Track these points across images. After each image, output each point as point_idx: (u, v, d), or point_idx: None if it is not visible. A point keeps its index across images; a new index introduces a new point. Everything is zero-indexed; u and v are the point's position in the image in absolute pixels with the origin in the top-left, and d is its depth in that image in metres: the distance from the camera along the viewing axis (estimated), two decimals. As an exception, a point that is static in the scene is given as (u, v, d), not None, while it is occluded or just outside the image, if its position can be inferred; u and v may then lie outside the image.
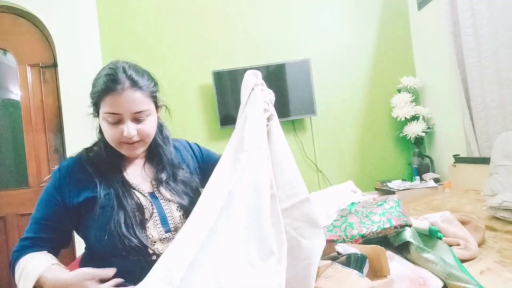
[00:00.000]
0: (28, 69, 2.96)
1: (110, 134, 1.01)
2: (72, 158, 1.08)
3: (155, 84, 1.08)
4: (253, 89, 1.01)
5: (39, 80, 2.98)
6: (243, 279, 0.78)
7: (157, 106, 1.09)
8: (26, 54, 2.96)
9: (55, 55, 2.94)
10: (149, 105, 1.02)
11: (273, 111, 1.03)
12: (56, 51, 2.92)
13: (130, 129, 0.98)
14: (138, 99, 0.98)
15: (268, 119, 1.00)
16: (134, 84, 0.98)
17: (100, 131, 1.08)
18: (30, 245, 0.99)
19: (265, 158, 0.93)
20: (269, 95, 1.04)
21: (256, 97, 1.00)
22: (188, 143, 1.25)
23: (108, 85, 0.96)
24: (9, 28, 2.95)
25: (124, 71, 0.98)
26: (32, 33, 2.99)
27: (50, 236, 1.01)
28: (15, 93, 3.00)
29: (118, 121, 0.99)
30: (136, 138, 1.01)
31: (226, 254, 0.80)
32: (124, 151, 1.04)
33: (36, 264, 0.94)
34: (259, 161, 0.91)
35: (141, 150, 1.06)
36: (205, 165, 1.20)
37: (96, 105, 1.02)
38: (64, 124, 2.86)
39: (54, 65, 2.97)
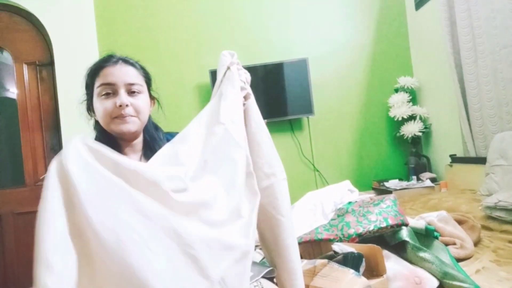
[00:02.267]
0: (25, 67, 2.95)
1: (103, 109, 1.00)
2: None
3: (147, 72, 1.12)
4: (229, 68, 1.00)
5: (36, 78, 2.96)
6: (209, 233, 0.76)
7: (150, 95, 1.12)
8: (22, 52, 2.95)
9: (52, 53, 2.93)
10: (141, 82, 1.06)
11: (249, 90, 1.02)
12: (53, 49, 2.90)
13: (122, 97, 1.00)
14: (131, 72, 1.04)
15: (245, 97, 0.99)
16: (127, 61, 1.06)
17: (96, 126, 1.09)
18: None
19: (241, 134, 0.91)
20: (245, 74, 1.03)
21: (233, 75, 0.98)
22: None
23: (103, 60, 1.04)
24: (5, 26, 2.93)
25: (117, 55, 1.07)
26: (29, 31, 2.98)
27: None
28: (12, 91, 2.98)
29: (111, 93, 1.01)
30: (129, 112, 1.01)
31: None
32: (117, 125, 1.01)
33: None
34: (235, 135, 0.89)
35: (134, 126, 1.03)
36: None
37: (91, 87, 1.04)
38: (61, 122, 2.85)
39: (51, 63, 2.96)
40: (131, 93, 1.02)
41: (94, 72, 1.03)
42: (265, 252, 0.99)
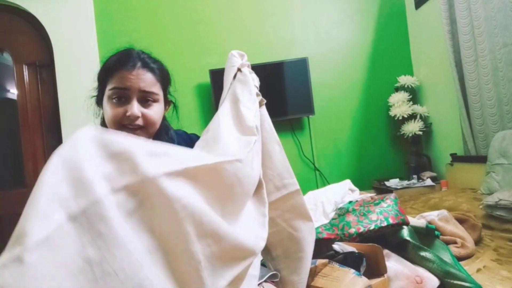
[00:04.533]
0: (25, 68, 2.95)
1: (112, 115, 0.93)
2: None
3: (168, 74, 1.05)
4: (239, 69, 0.94)
5: (36, 79, 2.97)
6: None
7: (166, 101, 1.06)
8: (23, 53, 2.95)
9: (52, 54, 2.93)
10: (158, 91, 0.98)
11: (260, 94, 0.96)
12: (53, 50, 2.90)
13: (134, 107, 0.92)
14: (148, 79, 0.95)
15: (260, 104, 0.94)
16: (146, 64, 0.97)
17: (103, 123, 1.02)
18: None
19: (259, 144, 0.87)
20: (257, 79, 0.97)
21: (247, 79, 0.92)
22: (186, 134, 1.21)
23: (120, 60, 0.95)
24: (6, 27, 2.93)
25: (138, 53, 0.98)
26: (29, 32, 2.98)
27: None
28: (12, 92, 2.98)
29: (123, 99, 0.94)
30: (139, 122, 0.94)
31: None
32: None
33: None
34: (258, 147, 0.85)
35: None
36: None
37: (103, 83, 0.97)
38: (61, 123, 2.85)
39: (51, 64, 2.96)
40: (144, 101, 0.96)
41: (108, 71, 0.95)
42: (270, 264, 0.94)
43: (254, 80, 0.94)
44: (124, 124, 0.94)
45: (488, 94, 2.36)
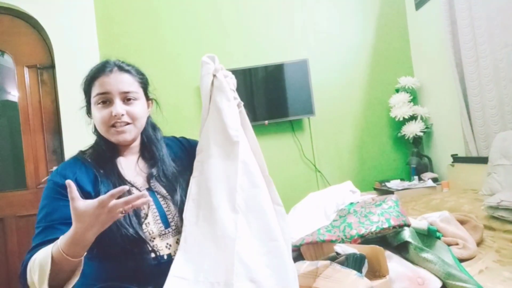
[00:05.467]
0: (26, 70, 2.95)
1: (100, 118, 1.02)
2: (68, 160, 1.07)
3: (143, 75, 1.12)
4: (215, 75, 0.99)
5: (37, 81, 2.97)
6: None
7: (147, 97, 1.13)
8: (23, 55, 2.95)
9: (53, 56, 2.93)
10: (137, 89, 1.07)
11: (238, 97, 1.03)
12: (54, 52, 2.90)
13: (117, 106, 1.01)
14: (125, 80, 1.04)
15: (238, 106, 1.00)
16: (121, 68, 1.06)
17: (95, 131, 1.09)
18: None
19: (246, 146, 0.96)
20: (232, 80, 1.03)
21: (222, 84, 0.98)
22: (176, 138, 1.24)
23: (98, 69, 1.04)
24: (6, 29, 2.94)
25: (114, 61, 1.07)
26: (30, 34, 2.98)
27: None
28: (13, 94, 2.99)
29: (107, 102, 1.02)
30: (125, 119, 1.02)
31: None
32: (113, 135, 1.03)
33: (44, 250, 0.85)
34: (245, 150, 0.95)
35: (130, 135, 1.05)
36: (193, 149, 1.15)
37: (88, 93, 1.06)
38: (62, 125, 2.85)
39: (52, 66, 2.96)
40: (126, 100, 1.03)
41: (90, 81, 1.05)
42: None
43: (229, 84, 1.00)
44: (112, 124, 1.02)
45: (489, 94, 2.35)
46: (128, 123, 1.03)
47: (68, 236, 0.81)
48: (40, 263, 0.82)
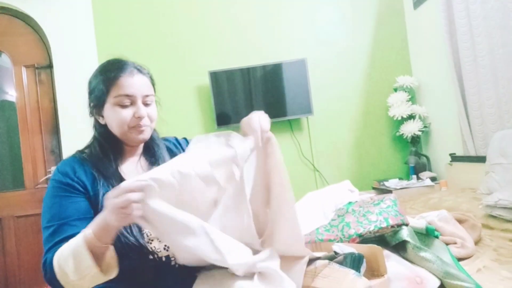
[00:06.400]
0: (24, 70, 2.95)
1: (120, 118, 1.01)
2: (67, 158, 1.07)
3: (153, 79, 1.14)
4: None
5: (35, 81, 2.96)
6: None
7: None
8: (21, 55, 2.95)
9: (51, 56, 2.93)
10: (153, 92, 1.10)
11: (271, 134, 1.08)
12: (52, 52, 2.90)
13: (142, 109, 1.03)
14: (146, 83, 1.07)
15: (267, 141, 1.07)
16: (140, 70, 1.07)
17: (96, 128, 1.08)
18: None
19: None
20: (266, 122, 1.07)
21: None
22: (177, 140, 1.25)
23: (118, 69, 1.03)
24: (4, 29, 2.93)
25: (130, 62, 1.08)
26: (28, 34, 2.98)
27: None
28: (11, 94, 2.98)
29: (129, 104, 1.03)
30: (146, 121, 1.04)
31: None
32: (133, 135, 1.04)
33: (68, 243, 0.85)
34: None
35: (147, 135, 1.07)
36: None
37: (106, 91, 1.02)
38: (60, 125, 2.85)
39: (50, 66, 2.96)
40: (146, 103, 1.05)
41: (112, 79, 1.02)
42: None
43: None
44: (133, 126, 1.03)
45: (487, 94, 2.36)
46: (147, 125, 1.06)
47: (98, 221, 0.82)
48: (72, 252, 0.82)
